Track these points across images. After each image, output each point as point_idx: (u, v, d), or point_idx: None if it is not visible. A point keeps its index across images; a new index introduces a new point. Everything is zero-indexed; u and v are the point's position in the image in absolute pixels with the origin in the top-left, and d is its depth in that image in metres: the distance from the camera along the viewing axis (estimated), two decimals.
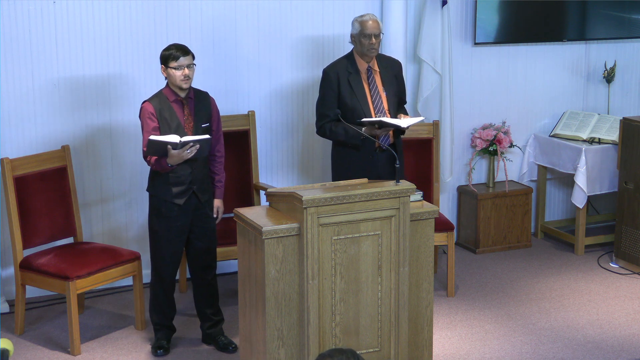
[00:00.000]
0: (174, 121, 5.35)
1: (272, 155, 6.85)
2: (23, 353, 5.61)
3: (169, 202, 5.40)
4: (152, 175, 5.47)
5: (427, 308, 5.07)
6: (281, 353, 4.81)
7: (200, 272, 5.61)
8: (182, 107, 5.40)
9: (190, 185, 5.42)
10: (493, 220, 7.28)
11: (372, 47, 5.78)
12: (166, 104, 5.37)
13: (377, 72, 5.89)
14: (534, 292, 6.53)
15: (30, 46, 6.16)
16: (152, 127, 5.32)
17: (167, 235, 5.45)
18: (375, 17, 5.83)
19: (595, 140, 7.24)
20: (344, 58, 5.94)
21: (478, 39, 7.24)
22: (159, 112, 5.34)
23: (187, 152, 5.21)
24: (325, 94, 5.86)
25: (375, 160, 5.84)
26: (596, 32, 7.58)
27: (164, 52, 5.37)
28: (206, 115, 5.47)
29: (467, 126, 7.39)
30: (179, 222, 5.44)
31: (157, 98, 5.39)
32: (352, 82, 5.82)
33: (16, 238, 5.73)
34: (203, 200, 5.48)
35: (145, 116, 5.35)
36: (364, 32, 5.76)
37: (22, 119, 6.21)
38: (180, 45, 5.39)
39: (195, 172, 5.43)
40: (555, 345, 5.71)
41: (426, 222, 5.00)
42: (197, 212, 5.48)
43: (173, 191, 5.38)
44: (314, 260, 4.70)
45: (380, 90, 5.87)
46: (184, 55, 5.33)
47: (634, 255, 6.84)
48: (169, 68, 5.32)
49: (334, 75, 5.84)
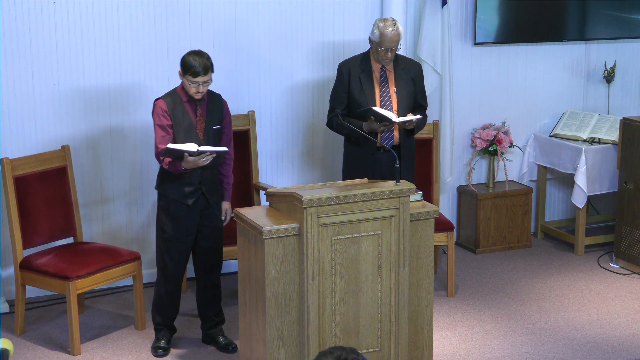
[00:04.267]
0: (186, 121, 5.35)
1: (272, 155, 6.85)
2: (23, 353, 5.61)
3: (178, 201, 5.40)
4: (161, 175, 5.46)
5: (427, 308, 5.07)
6: (281, 353, 4.81)
7: (206, 272, 5.60)
8: (194, 108, 5.40)
9: (200, 186, 5.42)
10: (493, 220, 7.28)
11: (386, 58, 5.80)
12: (179, 103, 5.37)
13: (392, 73, 5.89)
14: (534, 292, 6.53)
15: (30, 46, 6.16)
16: (165, 124, 5.33)
17: (175, 235, 5.44)
18: (396, 29, 5.76)
19: (595, 140, 7.24)
20: (360, 55, 5.97)
21: (478, 39, 7.24)
22: (171, 110, 5.34)
23: (203, 160, 5.22)
24: (337, 88, 5.94)
25: (378, 158, 5.86)
26: (596, 32, 7.58)
27: (187, 61, 5.28)
28: (218, 118, 5.47)
29: (467, 126, 7.39)
30: (188, 222, 5.44)
31: (170, 96, 5.39)
32: (363, 79, 5.84)
33: (16, 238, 5.73)
34: (212, 201, 5.49)
35: (159, 113, 5.35)
36: (381, 44, 5.75)
37: (22, 119, 6.21)
38: (204, 60, 5.27)
39: (205, 173, 5.43)
40: (555, 345, 5.71)
41: (426, 222, 5.00)
42: (205, 213, 5.48)
43: (182, 191, 5.39)
44: (314, 260, 4.70)
45: (391, 90, 5.87)
46: (204, 74, 5.26)
47: (634, 255, 6.84)
48: (186, 77, 5.30)
49: (346, 70, 5.89)
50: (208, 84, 5.33)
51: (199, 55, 5.30)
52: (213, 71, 5.34)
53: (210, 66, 5.31)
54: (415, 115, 5.85)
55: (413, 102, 5.96)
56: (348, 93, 5.88)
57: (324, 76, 6.85)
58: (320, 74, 6.86)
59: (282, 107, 6.83)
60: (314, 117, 6.90)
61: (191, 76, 5.27)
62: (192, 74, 5.26)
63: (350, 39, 6.86)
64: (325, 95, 6.81)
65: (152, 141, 6.48)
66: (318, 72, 6.86)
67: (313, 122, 6.90)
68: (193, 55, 5.30)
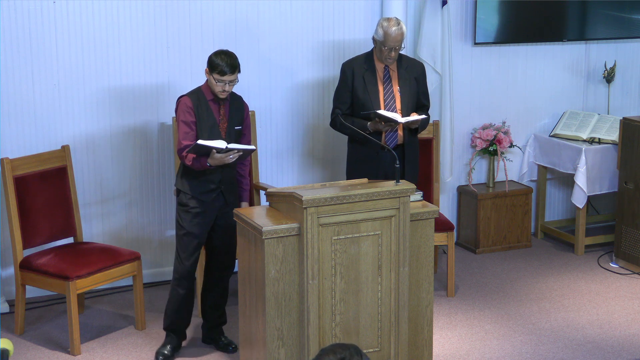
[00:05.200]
0: (210, 119, 5.36)
1: (272, 155, 6.85)
2: (23, 353, 5.61)
3: (198, 198, 5.40)
4: (182, 172, 5.46)
5: (427, 308, 5.07)
6: (281, 353, 4.81)
7: (218, 271, 5.60)
8: (218, 107, 5.41)
9: (220, 185, 5.43)
10: (493, 220, 7.28)
11: (389, 58, 5.81)
12: (204, 101, 5.38)
13: (395, 73, 5.90)
14: (534, 292, 6.53)
15: (30, 46, 6.16)
16: (190, 120, 5.33)
17: (191, 230, 5.42)
18: (400, 28, 5.77)
19: (595, 140, 7.24)
20: (363, 55, 5.98)
21: (478, 39, 7.24)
22: (196, 107, 5.35)
23: (230, 157, 5.23)
24: (340, 88, 5.95)
25: (381, 158, 5.87)
26: (596, 32, 7.58)
27: (214, 60, 5.29)
28: (239, 119, 5.49)
29: (467, 126, 7.39)
30: (205, 219, 5.43)
31: (195, 94, 5.40)
32: (367, 79, 5.86)
33: (16, 238, 5.73)
34: (229, 201, 5.49)
35: (183, 109, 5.35)
36: (385, 43, 5.76)
37: (22, 119, 6.21)
38: (232, 60, 5.29)
39: (225, 172, 5.44)
40: (555, 345, 5.71)
41: (426, 222, 5.00)
42: (221, 212, 5.48)
43: (202, 188, 5.39)
44: (314, 260, 4.70)
45: (395, 90, 5.88)
46: (231, 72, 5.28)
47: (634, 255, 6.84)
48: (212, 75, 5.30)
49: (349, 70, 5.90)
50: (234, 83, 5.34)
51: (226, 54, 5.33)
52: (240, 71, 5.36)
53: (238, 66, 5.33)
54: (420, 115, 5.87)
55: (416, 102, 5.97)
56: (352, 93, 5.89)
57: (324, 76, 6.85)
58: (320, 74, 6.86)
59: (283, 107, 6.83)
60: (315, 117, 6.90)
61: (218, 75, 5.28)
62: (220, 73, 5.28)
63: (350, 39, 6.86)
64: (326, 95, 6.81)
65: (152, 141, 6.50)
66: (318, 71, 6.86)
67: (313, 122, 6.90)
68: (221, 55, 5.32)
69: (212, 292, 5.63)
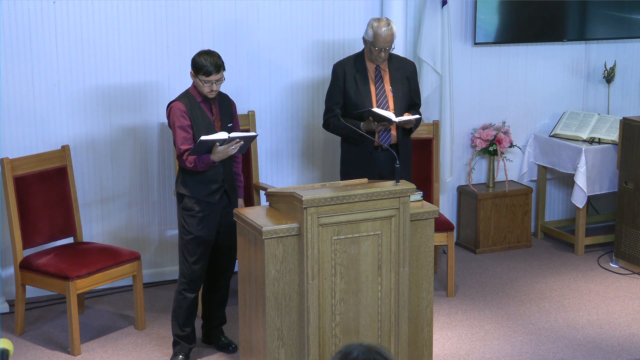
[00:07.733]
0: (205, 120, 5.36)
1: (272, 155, 6.85)
2: (23, 353, 5.61)
3: (203, 201, 5.38)
4: (183, 176, 5.40)
5: (427, 308, 5.07)
6: (281, 353, 4.81)
7: (222, 271, 5.58)
8: (210, 107, 5.40)
9: (223, 183, 5.42)
10: (493, 220, 7.28)
11: (379, 58, 5.81)
12: (195, 103, 5.37)
13: (386, 72, 5.89)
14: (534, 292, 6.53)
15: (30, 46, 6.16)
16: (186, 125, 5.32)
17: (201, 234, 5.38)
18: (390, 29, 5.76)
19: (595, 140, 7.24)
20: (354, 55, 5.97)
21: (478, 39, 7.24)
22: (190, 111, 5.34)
23: (232, 147, 5.23)
24: (332, 89, 5.94)
25: (376, 158, 5.86)
26: (596, 32, 7.58)
27: (198, 62, 5.28)
28: (229, 116, 5.50)
29: (467, 126, 7.39)
30: (212, 220, 5.41)
31: (186, 98, 5.38)
32: (359, 79, 5.85)
33: (16, 238, 5.73)
34: (232, 199, 5.49)
35: (178, 114, 5.33)
36: (375, 44, 5.76)
37: (22, 119, 6.21)
38: (215, 59, 5.28)
39: (227, 170, 5.45)
40: (555, 345, 5.71)
41: (426, 222, 5.00)
42: (225, 211, 5.47)
43: (207, 189, 5.37)
44: (314, 260, 4.70)
45: (387, 90, 5.88)
46: (216, 72, 5.27)
47: (634, 255, 6.84)
48: (198, 77, 5.30)
49: (340, 71, 5.90)
50: (221, 82, 5.34)
51: (209, 54, 5.32)
52: (225, 69, 5.36)
53: (222, 64, 5.32)
54: (414, 115, 5.86)
55: (409, 101, 5.97)
56: (344, 93, 5.88)
57: (325, 76, 6.84)
58: (320, 74, 6.86)
59: (282, 107, 6.83)
60: (314, 117, 6.90)
61: (204, 76, 5.27)
62: (205, 74, 5.27)
63: (350, 39, 6.86)
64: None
65: (152, 141, 6.50)
66: (318, 71, 6.86)
67: (313, 122, 6.90)
68: (204, 55, 5.31)
69: (216, 293, 5.62)
